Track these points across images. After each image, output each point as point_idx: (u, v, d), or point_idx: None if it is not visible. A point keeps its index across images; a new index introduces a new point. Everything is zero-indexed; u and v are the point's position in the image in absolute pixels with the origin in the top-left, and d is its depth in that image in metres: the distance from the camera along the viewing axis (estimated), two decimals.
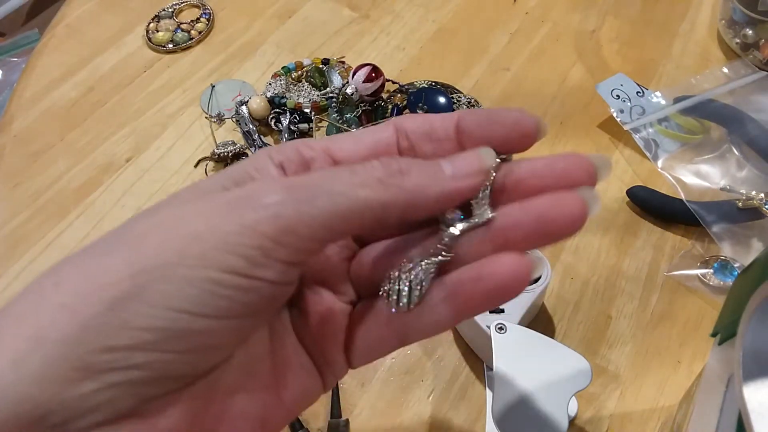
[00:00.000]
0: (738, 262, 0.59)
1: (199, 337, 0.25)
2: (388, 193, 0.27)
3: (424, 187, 0.27)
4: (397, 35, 0.80)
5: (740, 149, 0.66)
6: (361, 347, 0.31)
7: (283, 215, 0.25)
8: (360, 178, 0.27)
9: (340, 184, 0.26)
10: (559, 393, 0.46)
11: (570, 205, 0.28)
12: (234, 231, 0.25)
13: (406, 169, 0.27)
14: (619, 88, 0.70)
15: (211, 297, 0.25)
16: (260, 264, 0.25)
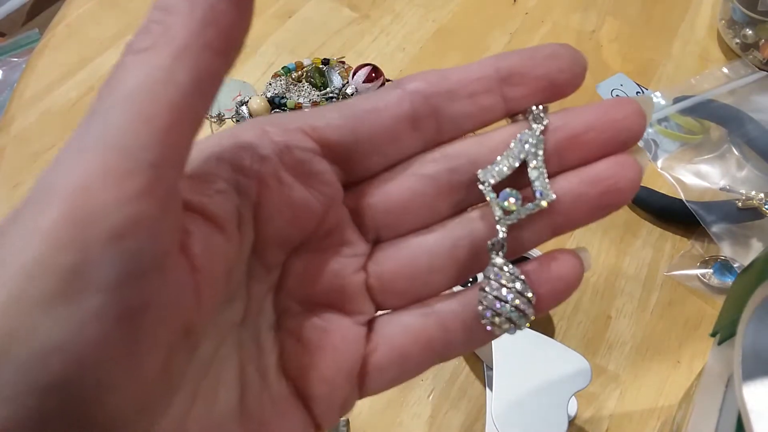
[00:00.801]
0: (737, 262, 0.59)
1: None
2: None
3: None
4: (398, 35, 0.80)
5: (740, 149, 0.66)
6: (380, 372, 0.27)
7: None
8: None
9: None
10: (559, 393, 0.46)
11: (632, 170, 0.25)
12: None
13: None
14: (619, 88, 0.70)
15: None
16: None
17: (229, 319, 0.24)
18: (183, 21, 0.20)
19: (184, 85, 0.20)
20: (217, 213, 0.23)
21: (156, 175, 0.19)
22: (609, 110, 0.25)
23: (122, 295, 0.18)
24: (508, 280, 0.25)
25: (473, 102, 0.26)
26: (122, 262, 0.18)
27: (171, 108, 0.20)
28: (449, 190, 0.26)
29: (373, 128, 0.25)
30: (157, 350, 0.19)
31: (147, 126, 0.19)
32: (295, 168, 0.25)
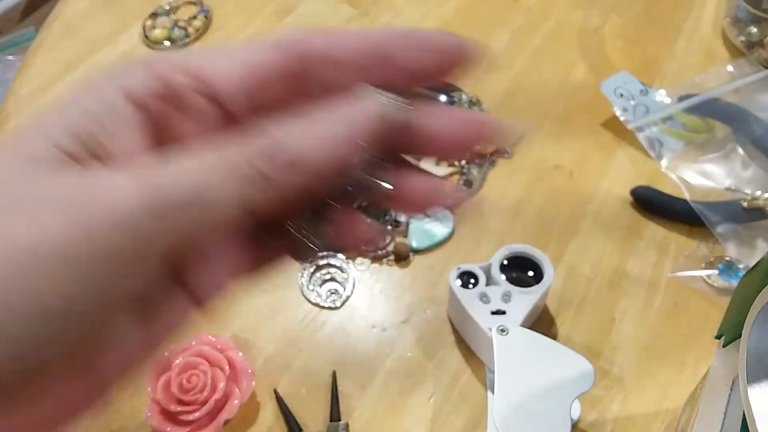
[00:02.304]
0: (743, 262, 0.59)
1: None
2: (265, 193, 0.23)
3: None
4: None
5: (745, 148, 0.66)
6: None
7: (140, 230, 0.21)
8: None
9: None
10: (562, 396, 0.46)
11: (459, 198, 0.29)
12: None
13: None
14: (623, 87, 0.70)
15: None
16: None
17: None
18: None
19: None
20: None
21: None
22: (469, 125, 0.27)
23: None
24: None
25: (342, 71, 0.26)
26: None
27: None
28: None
29: (250, 77, 0.25)
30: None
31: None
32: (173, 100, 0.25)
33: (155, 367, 0.52)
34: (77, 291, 0.20)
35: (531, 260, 0.55)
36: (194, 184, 0.22)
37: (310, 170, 0.24)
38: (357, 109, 0.25)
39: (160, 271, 0.24)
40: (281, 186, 0.23)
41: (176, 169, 0.22)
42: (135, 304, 0.24)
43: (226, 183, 0.22)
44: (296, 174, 0.23)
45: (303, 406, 0.53)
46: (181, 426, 0.50)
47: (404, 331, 0.57)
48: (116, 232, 0.21)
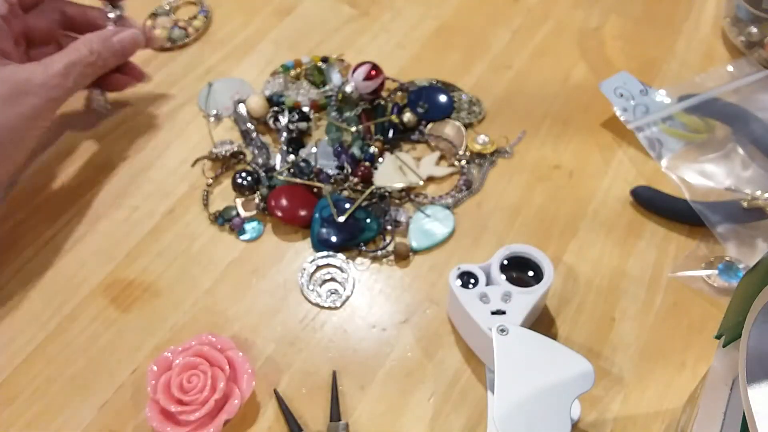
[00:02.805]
0: (743, 262, 0.59)
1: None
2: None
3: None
4: (398, 32, 0.79)
5: (745, 148, 0.66)
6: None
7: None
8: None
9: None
10: (562, 396, 0.46)
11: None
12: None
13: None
14: (623, 87, 0.70)
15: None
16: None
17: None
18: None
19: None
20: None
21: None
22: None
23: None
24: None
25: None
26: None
27: None
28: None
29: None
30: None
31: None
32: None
33: (155, 367, 0.53)
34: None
35: (531, 260, 0.55)
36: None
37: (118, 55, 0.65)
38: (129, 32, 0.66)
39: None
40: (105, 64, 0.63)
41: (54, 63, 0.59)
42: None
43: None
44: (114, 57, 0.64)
45: (303, 405, 0.53)
46: (181, 426, 0.50)
47: (404, 331, 0.57)
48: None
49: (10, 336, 0.58)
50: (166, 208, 0.65)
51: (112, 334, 0.58)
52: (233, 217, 0.63)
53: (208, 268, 0.61)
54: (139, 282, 0.60)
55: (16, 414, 0.54)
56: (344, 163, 0.66)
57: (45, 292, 0.60)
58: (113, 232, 0.64)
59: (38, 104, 0.58)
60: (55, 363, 0.56)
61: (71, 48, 0.61)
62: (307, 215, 0.62)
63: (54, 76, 0.58)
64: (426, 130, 0.69)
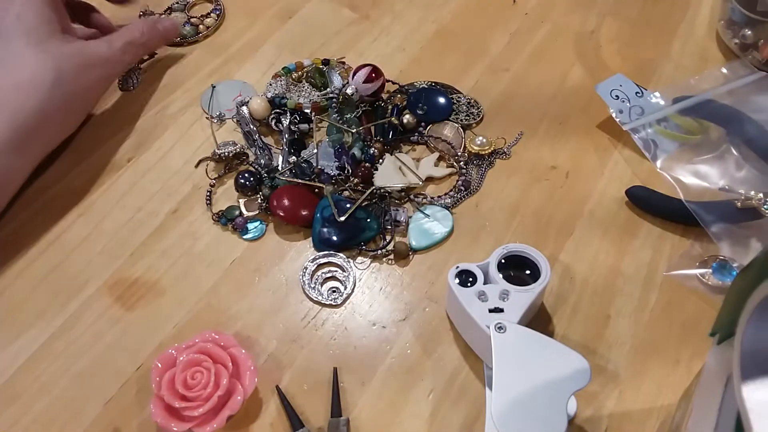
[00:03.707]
0: (737, 261, 0.59)
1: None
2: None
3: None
4: (397, 36, 0.80)
5: (739, 149, 0.66)
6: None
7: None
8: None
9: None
10: (559, 392, 0.46)
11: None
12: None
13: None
14: (618, 89, 0.70)
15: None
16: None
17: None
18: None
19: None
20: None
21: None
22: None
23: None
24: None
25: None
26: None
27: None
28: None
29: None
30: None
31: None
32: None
33: (159, 364, 0.53)
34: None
35: (528, 259, 0.55)
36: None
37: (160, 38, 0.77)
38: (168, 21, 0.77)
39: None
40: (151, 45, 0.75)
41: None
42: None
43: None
44: (157, 40, 0.76)
45: (304, 402, 0.54)
46: (185, 422, 0.51)
47: (404, 328, 0.58)
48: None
49: (16, 333, 0.58)
50: (170, 208, 0.65)
51: (117, 332, 0.58)
52: (236, 217, 0.63)
53: (211, 267, 0.62)
54: (143, 280, 0.61)
55: (22, 411, 0.54)
56: (345, 163, 0.66)
57: (50, 291, 0.61)
58: (118, 231, 0.64)
59: (103, 74, 0.69)
60: (60, 360, 0.57)
61: (128, 29, 0.72)
62: (309, 215, 0.63)
63: (116, 52, 0.69)
64: (425, 131, 0.70)
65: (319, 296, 0.59)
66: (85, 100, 0.69)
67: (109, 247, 0.63)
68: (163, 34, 0.76)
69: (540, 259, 0.55)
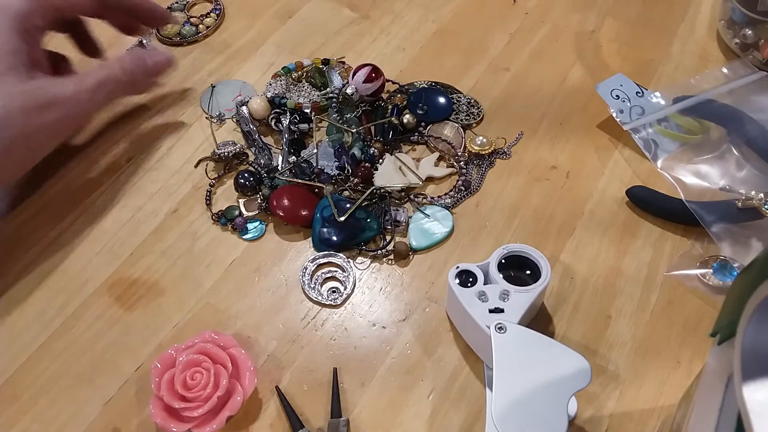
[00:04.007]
0: (737, 261, 0.59)
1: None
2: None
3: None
4: (397, 35, 0.80)
5: (740, 149, 0.66)
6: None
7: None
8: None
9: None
10: (559, 393, 0.46)
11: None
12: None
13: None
14: (619, 89, 0.70)
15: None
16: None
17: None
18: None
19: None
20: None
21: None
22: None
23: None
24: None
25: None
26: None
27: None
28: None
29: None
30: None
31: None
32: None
33: (159, 365, 0.53)
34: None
35: (528, 259, 0.55)
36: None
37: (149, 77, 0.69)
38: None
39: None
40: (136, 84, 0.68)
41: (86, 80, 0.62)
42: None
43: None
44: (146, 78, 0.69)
45: (304, 402, 0.54)
46: (185, 422, 0.51)
47: (404, 328, 0.58)
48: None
49: (16, 333, 0.58)
50: (169, 208, 0.65)
51: (117, 332, 0.58)
52: (236, 217, 0.63)
53: (211, 267, 0.62)
54: (143, 280, 0.61)
55: (22, 411, 0.54)
56: (345, 163, 0.66)
57: (50, 291, 0.61)
58: (117, 231, 0.64)
59: (62, 117, 0.59)
60: (60, 360, 0.57)
61: (106, 65, 0.63)
62: (309, 215, 0.63)
63: (84, 91, 0.60)
64: (425, 131, 0.70)
65: (319, 296, 0.59)
66: (37, 143, 0.60)
67: (109, 247, 0.63)
68: (154, 71, 0.68)
69: (540, 260, 0.55)
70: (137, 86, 0.68)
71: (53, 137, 0.61)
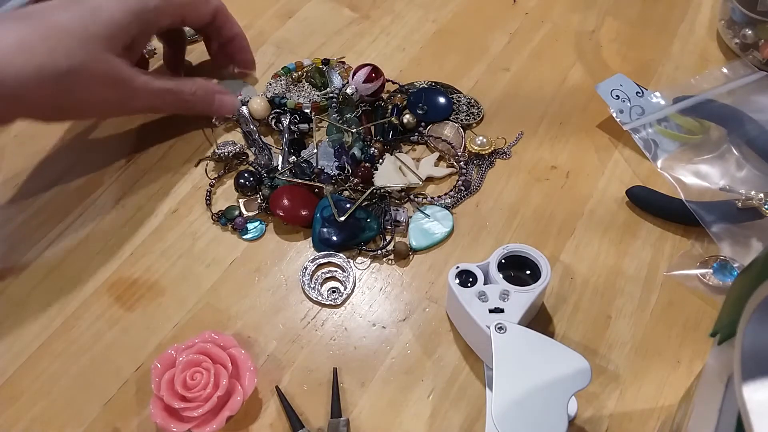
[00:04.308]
0: (737, 262, 0.59)
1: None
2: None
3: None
4: (397, 35, 0.80)
5: (739, 149, 0.66)
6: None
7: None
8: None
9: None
10: (559, 393, 0.46)
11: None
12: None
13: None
14: (619, 89, 0.70)
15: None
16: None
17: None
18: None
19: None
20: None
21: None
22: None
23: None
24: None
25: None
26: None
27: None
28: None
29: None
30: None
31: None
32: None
33: (159, 365, 0.53)
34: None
35: (528, 259, 0.56)
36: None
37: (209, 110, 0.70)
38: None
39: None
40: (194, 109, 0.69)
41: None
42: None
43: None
44: (206, 109, 0.69)
45: (304, 402, 0.54)
46: (185, 422, 0.51)
47: (404, 328, 0.58)
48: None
49: (16, 333, 0.58)
50: (169, 208, 0.65)
51: (117, 332, 0.58)
52: (236, 217, 0.63)
53: (211, 267, 0.62)
54: (143, 281, 0.61)
55: (22, 411, 0.54)
56: (345, 163, 0.66)
57: (50, 291, 0.60)
58: (117, 231, 0.64)
59: (117, 99, 0.61)
60: (60, 360, 0.57)
61: (182, 81, 0.67)
62: (309, 215, 0.63)
63: (146, 89, 0.62)
64: (425, 131, 0.70)
65: (319, 296, 0.59)
66: (81, 107, 0.61)
67: (108, 246, 0.63)
68: (217, 109, 0.70)
69: (540, 259, 0.55)
70: (193, 110, 0.69)
71: (98, 113, 0.66)
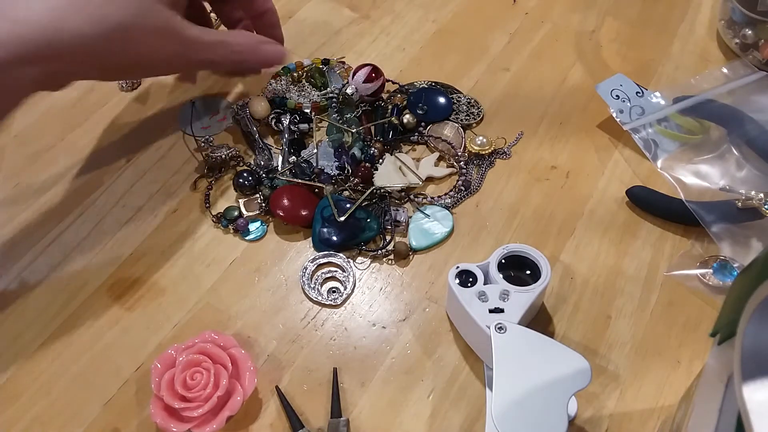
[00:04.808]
0: (737, 262, 0.59)
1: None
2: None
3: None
4: (397, 35, 0.80)
5: (739, 149, 0.66)
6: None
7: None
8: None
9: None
10: (559, 393, 0.46)
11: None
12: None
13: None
14: (619, 89, 0.70)
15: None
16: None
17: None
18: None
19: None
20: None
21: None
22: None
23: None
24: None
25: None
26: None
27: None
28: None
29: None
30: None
31: None
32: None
33: (159, 365, 0.53)
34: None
35: (528, 259, 0.56)
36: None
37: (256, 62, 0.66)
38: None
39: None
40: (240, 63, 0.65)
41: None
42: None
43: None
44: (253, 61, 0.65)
45: (304, 402, 0.54)
46: (185, 422, 0.51)
47: (404, 328, 0.58)
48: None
49: (16, 333, 0.58)
50: (169, 208, 0.65)
51: (117, 332, 0.58)
52: (236, 218, 0.63)
53: (211, 267, 0.62)
54: (143, 281, 0.61)
55: (22, 411, 0.54)
56: (345, 163, 0.66)
57: (50, 291, 0.60)
58: (117, 231, 0.64)
59: (172, 51, 0.58)
60: (60, 360, 0.57)
61: (229, 32, 0.68)
62: (309, 215, 0.63)
63: (202, 42, 0.60)
64: (425, 131, 0.70)
65: (319, 296, 0.59)
66: (137, 66, 0.58)
67: (108, 247, 0.63)
68: (264, 60, 0.66)
69: (540, 259, 0.55)
70: (240, 64, 0.66)
71: (153, 65, 0.60)
